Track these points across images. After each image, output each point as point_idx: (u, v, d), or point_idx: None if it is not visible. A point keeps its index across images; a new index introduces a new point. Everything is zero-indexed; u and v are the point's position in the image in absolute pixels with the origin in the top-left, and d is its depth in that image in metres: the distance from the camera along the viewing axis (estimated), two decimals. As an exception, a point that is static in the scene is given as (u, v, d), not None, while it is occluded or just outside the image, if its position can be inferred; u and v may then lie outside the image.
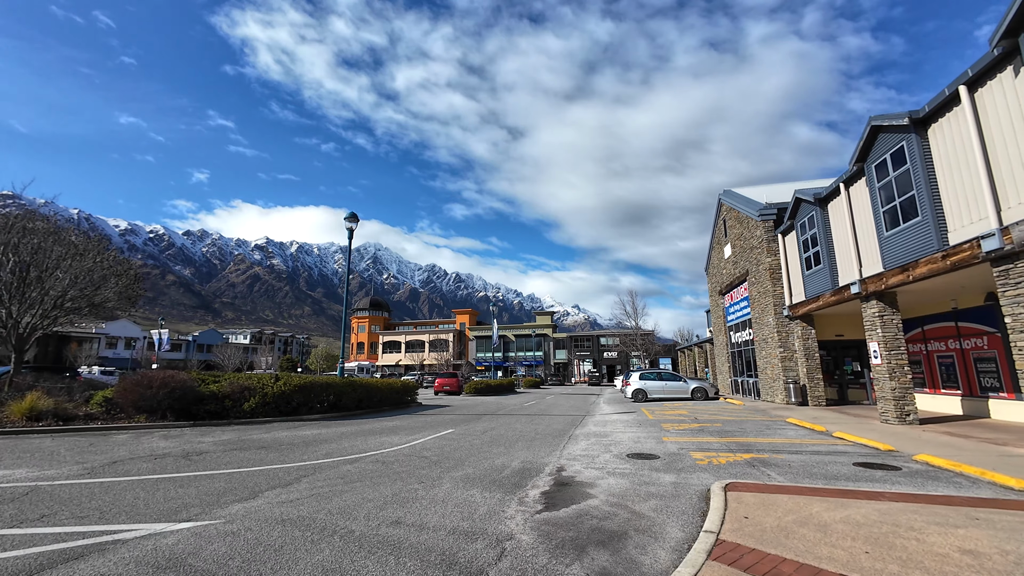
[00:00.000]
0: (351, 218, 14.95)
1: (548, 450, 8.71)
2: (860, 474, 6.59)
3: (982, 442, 8.95)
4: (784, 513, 4.62)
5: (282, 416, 11.73)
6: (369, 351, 75.39)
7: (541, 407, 19.35)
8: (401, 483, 6.00)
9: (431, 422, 12.87)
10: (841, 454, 8.12)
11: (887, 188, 11.26)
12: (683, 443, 9.48)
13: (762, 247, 18.99)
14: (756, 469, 6.99)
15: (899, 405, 11.72)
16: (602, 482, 6.25)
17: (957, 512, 4.64)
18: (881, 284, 11.70)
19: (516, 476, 6.55)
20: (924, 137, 10.15)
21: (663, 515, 4.82)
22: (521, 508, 5.05)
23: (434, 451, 8.36)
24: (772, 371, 18.76)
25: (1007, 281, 8.21)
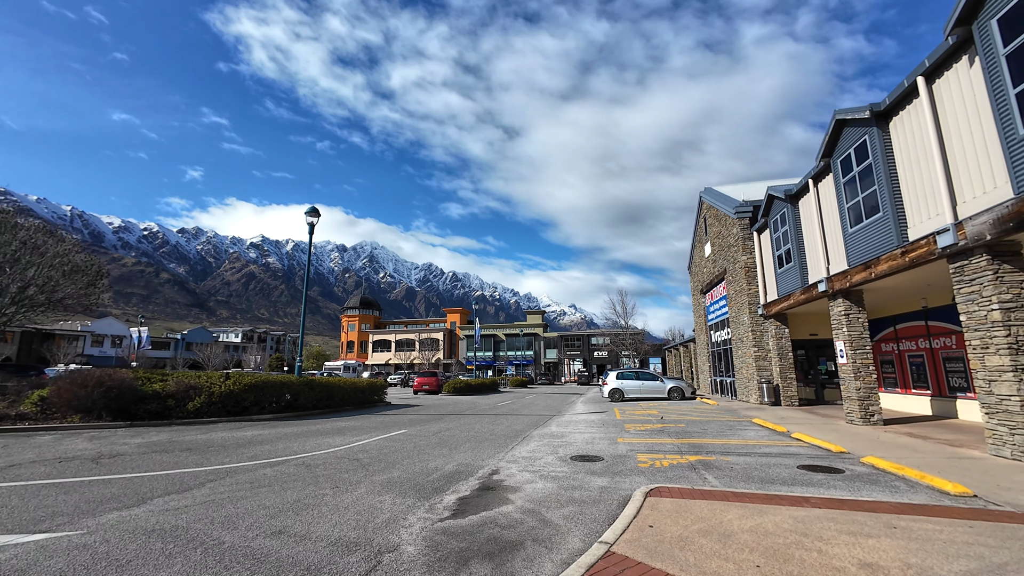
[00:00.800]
0: (311, 212, 14.60)
1: (493, 452, 8.44)
2: (800, 477, 6.34)
3: (939, 443, 8.73)
4: (694, 521, 4.36)
5: (231, 416, 11.39)
6: (359, 350, 74.93)
7: (514, 407, 19.08)
8: (313, 488, 5.70)
9: (388, 422, 12.57)
10: (791, 456, 7.88)
11: (852, 184, 11.04)
12: (636, 444, 9.22)
13: (738, 245, 18.78)
14: (696, 472, 6.73)
15: (863, 405, 11.51)
16: (529, 486, 5.98)
17: (877, 520, 4.39)
18: (846, 282, 11.48)
19: (443, 480, 6.27)
20: (886, 131, 9.92)
21: (572, 523, 4.55)
22: (426, 515, 4.77)
23: (371, 453, 8.06)
24: (747, 371, 18.56)
25: (962, 278, 7.98)
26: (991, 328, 7.42)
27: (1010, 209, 6.80)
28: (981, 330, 7.63)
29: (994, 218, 7.09)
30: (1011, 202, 6.79)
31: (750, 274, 18.15)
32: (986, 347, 7.54)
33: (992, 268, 7.41)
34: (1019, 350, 7.12)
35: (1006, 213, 6.87)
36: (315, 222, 14.72)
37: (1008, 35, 6.71)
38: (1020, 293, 7.29)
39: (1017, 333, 7.17)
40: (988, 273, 7.43)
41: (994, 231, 7.10)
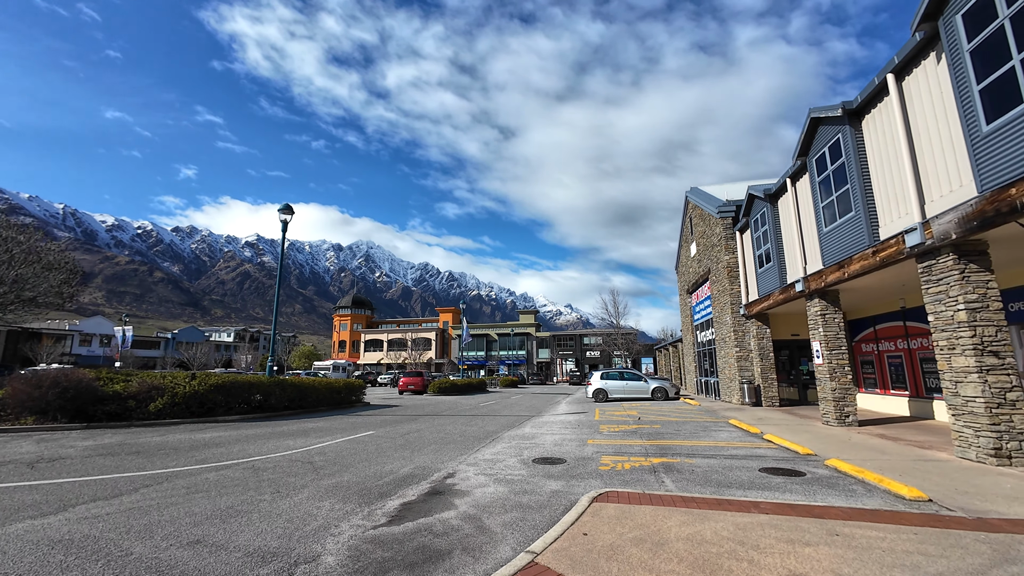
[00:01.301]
0: (285, 209, 14.37)
1: (456, 454, 8.26)
2: (759, 481, 6.20)
3: (908, 445, 8.63)
4: (631, 528, 4.20)
5: (196, 418, 11.14)
6: (351, 350, 74.53)
7: (495, 407, 18.90)
8: (253, 493, 5.51)
9: (359, 423, 12.36)
10: (757, 458, 7.75)
11: (826, 183, 10.93)
12: (604, 446, 9.07)
13: (721, 245, 18.68)
14: (655, 475, 6.58)
15: (839, 406, 11.41)
16: (480, 491, 5.81)
17: (822, 527, 4.25)
18: (821, 281, 11.38)
19: (393, 484, 6.09)
20: (859, 129, 9.81)
21: (509, 530, 4.38)
22: (361, 522, 4.60)
23: (329, 456, 7.87)
24: (729, 371, 18.47)
25: (930, 278, 7.88)
26: (957, 329, 7.32)
27: (974, 208, 6.69)
28: (948, 331, 7.53)
29: (959, 217, 6.98)
30: (975, 200, 6.68)
31: (732, 274, 18.06)
32: (952, 348, 7.44)
33: (958, 268, 7.31)
34: (984, 351, 7.02)
35: (970, 212, 6.76)
36: (289, 219, 14.49)
37: (972, 30, 6.60)
38: (986, 293, 7.19)
39: (983, 334, 7.07)
40: (954, 273, 7.33)
41: (959, 230, 6.99)
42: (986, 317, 7.11)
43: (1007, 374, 6.93)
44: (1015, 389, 6.90)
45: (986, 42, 6.41)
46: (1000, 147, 6.30)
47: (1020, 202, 5.94)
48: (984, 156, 6.56)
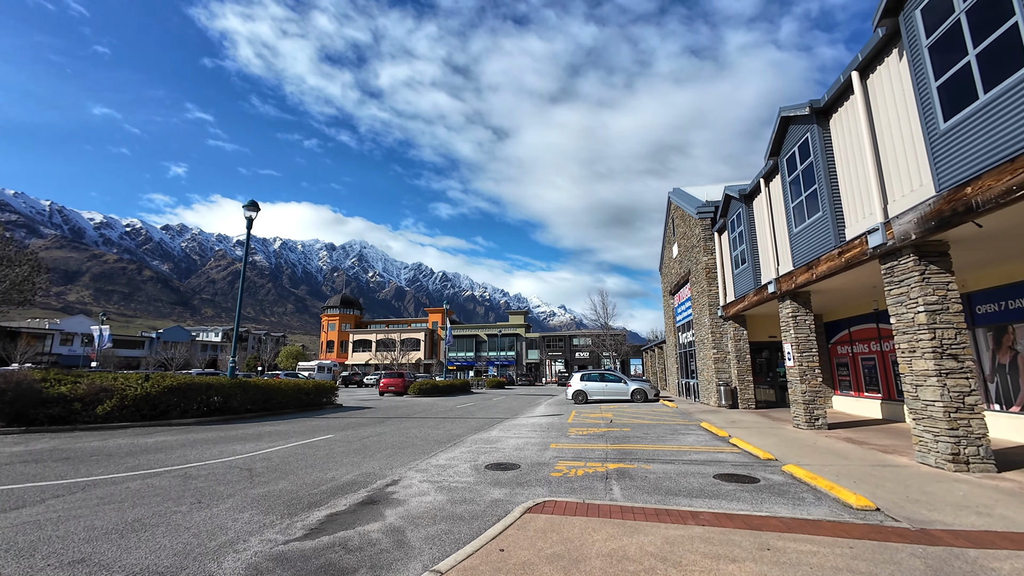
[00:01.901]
0: (250, 206, 14.00)
1: (409, 459, 7.99)
2: (709, 488, 5.99)
3: (872, 449, 8.49)
4: (554, 543, 3.96)
5: (147, 421, 10.74)
6: (340, 350, 73.86)
7: (472, 410, 18.63)
8: (172, 503, 5.20)
9: (322, 426, 12.02)
10: (716, 463, 7.55)
11: (796, 183, 10.79)
12: (566, 451, 8.84)
13: (700, 246, 18.56)
14: (605, 483, 6.35)
15: (808, 409, 11.28)
16: (417, 500, 5.54)
17: (755, 540, 4.03)
18: (791, 283, 11.24)
19: (328, 493, 5.81)
20: (826, 128, 9.67)
21: (429, 544, 4.13)
22: (275, 536, 4.31)
23: (274, 461, 7.56)
24: (708, 373, 18.35)
25: (892, 279, 7.73)
26: (918, 331, 7.17)
27: (932, 207, 6.54)
28: (909, 333, 7.38)
29: (918, 217, 6.83)
30: (932, 200, 6.53)
31: (711, 275, 17.94)
32: (913, 351, 7.29)
33: (919, 269, 7.16)
34: (944, 354, 6.87)
35: (928, 211, 6.61)
36: (254, 216, 14.13)
37: (931, 25, 6.45)
38: (946, 295, 7.05)
39: (942, 336, 6.93)
40: (915, 274, 7.18)
41: (918, 230, 6.84)
42: (946, 319, 6.97)
43: (966, 378, 6.79)
44: (974, 393, 6.76)
45: (944, 37, 6.26)
46: (957, 145, 6.15)
47: (975, 201, 5.79)
48: (942, 154, 6.41)
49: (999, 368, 9.50)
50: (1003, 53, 5.45)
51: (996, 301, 9.48)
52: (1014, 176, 5.24)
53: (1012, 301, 9.13)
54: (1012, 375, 9.20)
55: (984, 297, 9.75)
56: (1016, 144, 5.30)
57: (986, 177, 5.63)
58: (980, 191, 5.71)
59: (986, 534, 4.25)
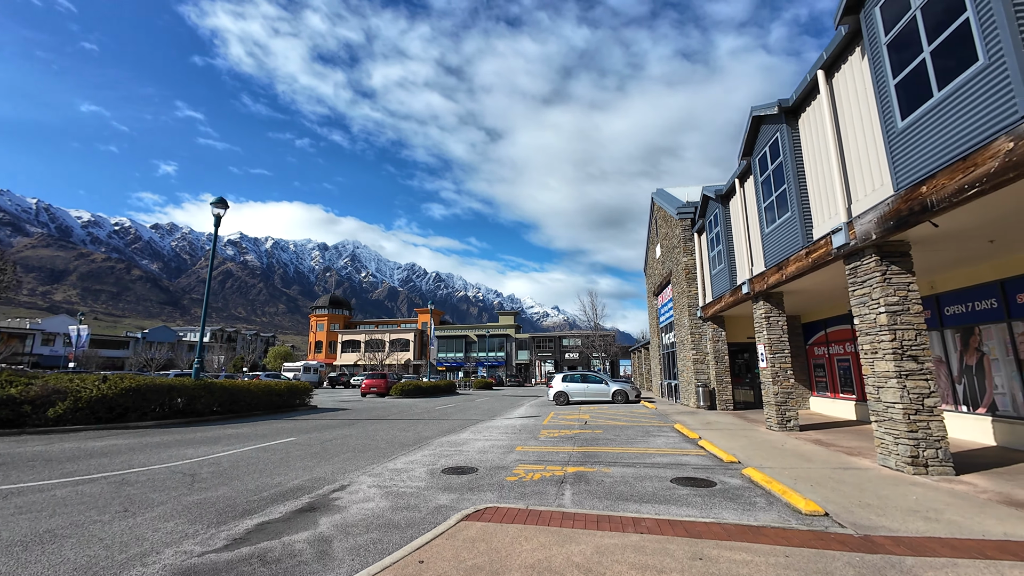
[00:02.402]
0: (218, 203, 13.69)
1: (367, 463, 7.78)
2: (662, 493, 5.85)
3: (837, 451, 8.41)
4: (478, 554, 3.79)
5: (102, 424, 10.42)
6: (328, 350, 73.24)
7: (450, 411, 18.42)
8: (94, 512, 4.96)
9: (287, 428, 11.76)
10: (677, 467, 7.41)
11: (767, 183, 10.73)
12: (530, 454, 8.68)
13: (680, 247, 18.50)
14: (558, 487, 6.19)
15: (780, 411, 11.21)
16: (358, 506, 5.35)
17: (690, 549, 3.89)
18: (764, 283, 11.17)
19: (267, 500, 5.60)
20: (795, 128, 9.61)
21: (352, 556, 3.94)
22: (192, 547, 4.10)
23: (223, 466, 7.32)
24: (687, 374, 18.29)
25: (855, 279, 7.65)
26: (879, 332, 7.09)
27: (890, 207, 6.45)
28: (871, 334, 7.30)
29: (878, 216, 6.75)
30: (891, 199, 6.45)
31: (690, 276, 17.88)
32: (875, 352, 7.21)
33: (880, 269, 7.07)
34: (904, 355, 6.79)
35: (887, 211, 6.53)
36: (222, 213, 13.83)
37: (889, 23, 6.37)
38: (907, 296, 6.97)
39: (902, 338, 6.84)
40: (877, 275, 7.10)
41: (878, 230, 6.76)
42: (906, 320, 6.89)
43: (926, 379, 6.71)
44: (933, 395, 6.68)
45: (901, 34, 6.18)
46: (913, 143, 6.07)
47: (930, 200, 5.70)
48: (899, 153, 6.33)
49: (966, 369, 9.48)
50: (956, 50, 5.37)
51: (963, 302, 9.46)
52: (966, 175, 5.16)
53: (978, 302, 9.11)
54: (978, 376, 9.18)
55: (952, 298, 9.73)
56: (967, 142, 5.22)
57: (940, 176, 5.54)
58: (934, 190, 5.63)
59: (929, 541, 4.14)
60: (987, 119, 4.96)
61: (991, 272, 8.74)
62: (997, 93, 4.82)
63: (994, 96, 4.86)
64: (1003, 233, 6.95)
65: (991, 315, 8.83)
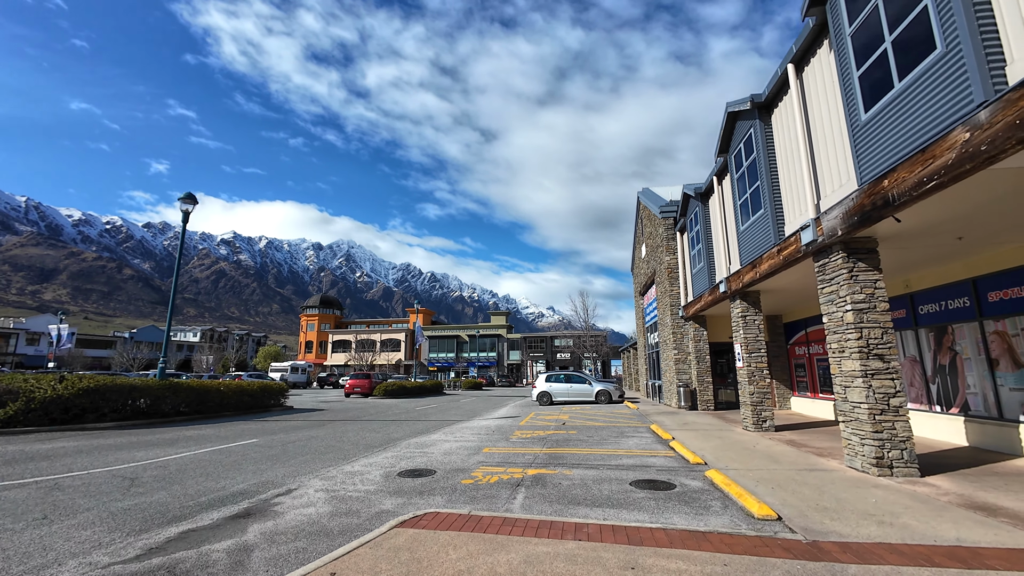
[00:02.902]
0: (186, 199, 13.37)
1: (323, 466, 7.53)
2: (618, 497, 5.65)
3: (808, 452, 8.25)
4: (398, 564, 3.56)
5: (57, 425, 10.09)
6: (318, 350, 72.68)
7: (429, 412, 18.17)
8: (8, 520, 4.69)
9: (253, 430, 11.45)
10: (642, 468, 7.22)
11: (742, 180, 10.58)
12: (496, 455, 8.47)
13: (663, 246, 18.36)
14: (512, 490, 5.98)
15: (756, 411, 11.06)
16: (296, 512, 5.11)
17: (625, 557, 3.69)
18: (739, 282, 11.02)
19: (203, 505, 5.34)
20: (768, 123, 9.46)
21: (267, 567, 3.70)
22: (100, 557, 3.86)
23: (170, 469, 7.05)
24: (670, 374, 18.15)
25: (824, 277, 7.50)
26: (846, 330, 6.93)
27: (854, 202, 6.30)
28: (838, 332, 7.15)
29: (843, 212, 6.60)
30: (855, 194, 6.29)
31: (672, 275, 17.74)
32: (842, 351, 7.06)
33: (847, 266, 6.92)
34: (870, 354, 6.64)
35: (851, 207, 6.37)
36: (190, 209, 13.51)
37: (853, 13, 6.22)
38: (873, 293, 6.82)
39: (868, 336, 6.69)
40: (843, 272, 6.94)
41: (844, 226, 6.60)
42: (873, 319, 6.74)
43: (891, 379, 6.56)
44: (899, 395, 6.53)
45: (864, 24, 6.02)
46: (876, 136, 5.91)
47: (892, 195, 5.54)
48: (863, 147, 6.17)
49: (939, 369, 9.37)
50: (916, 40, 5.21)
51: (937, 301, 9.35)
52: (925, 167, 4.99)
53: (951, 301, 9.00)
54: (951, 376, 9.07)
55: (926, 297, 9.62)
56: (926, 133, 5.06)
57: (901, 169, 5.38)
58: (896, 184, 5.47)
59: (878, 547, 3.96)
60: (945, 109, 4.80)
61: (963, 270, 8.62)
62: (954, 82, 4.66)
63: (952, 85, 4.71)
64: (970, 230, 6.82)
65: (963, 314, 8.72)
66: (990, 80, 4.30)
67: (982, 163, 4.34)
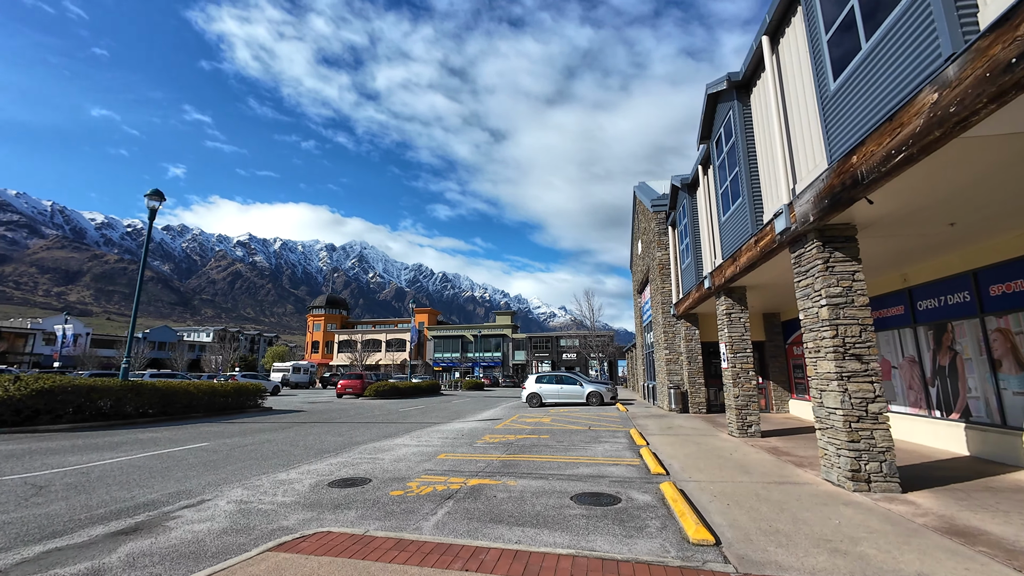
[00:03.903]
0: (153, 195, 13.09)
1: (256, 473, 7.08)
2: (549, 514, 5.05)
3: (787, 462, 7.54)
4: (235, 600, 3.04)
5: (8, 427, 9.79)
6: (324, 350, 73.03)
7: (412, 413, 17.70)
8: None
9: (210, 432, 11.06)
10: (595, 479, 6.60)
11: (723, 167, 9.87)
12: (447, 462, 7.93)
13: (655, 241, 17.61)
14: (440, 504, 5.43)
15: (741, 415, 10.32)
16: (186, 528, 4.63)
17: (507, 594, 3.11)
18: (722, 277, 10.30)
19: (94, 519, 4.90)
20: (747, 104, 8.75)
21: (101, 596, 3.21)
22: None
23: (89, 476, 6.65)
24: (662, 375, 17.39)
25: (799, 269, 6.80)
26: (821, 328, 6.24)
27: (824, 183, 5.60)
28: (814, 330, 6.46)
29: (814, 196, 5.90)
30: (825, 174, 5.60)
31: (664, 272, 16.99)
32: (817, 350, 6.36)
33: (823, 257, 6.21)
34: (846, 354, 5.93)
35: (822, 188, 5.68)
36: (157, 206, 13.24)
37: (821, -29, 5.53)
38: (851, 287, 6.10)
39: (844, 334, 5.98)
40: (819, 262, 6.24)
41: (815, 211, 5.91)
42: (850, 314, 6.02)
43: (870, 382, 5.85)
44: (878, 400, 5.81)
45: (832, -18, 5.33)
46: (844, 107, 5.22)
47: (861, 172, 4.85)
48: (832, 120, 5.48)
49: (939, 371, 8.56)
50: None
51: (936, 296, 8.54)
52: (892, 137, 4.31)
53: (951, 296, 8.19)
54: (952, 378, 8.25)
55: (925, 292, 8.81)
56: (894, 98, 4.37)
57: (869, 142, 4.69)
58: (864, 159, 4.77)
59: (821, 585, 3.32)
60: (913, 68, 4.11)
61: (961, 262, 7.82)
62: (922, 34, 3.97)
63: (919, 39, 4.02)
64: (962, 215, 6.06)
65: (964, 310, 7.92)
66: (959, 29, 3.61)
67: (952, 128, 3.65)
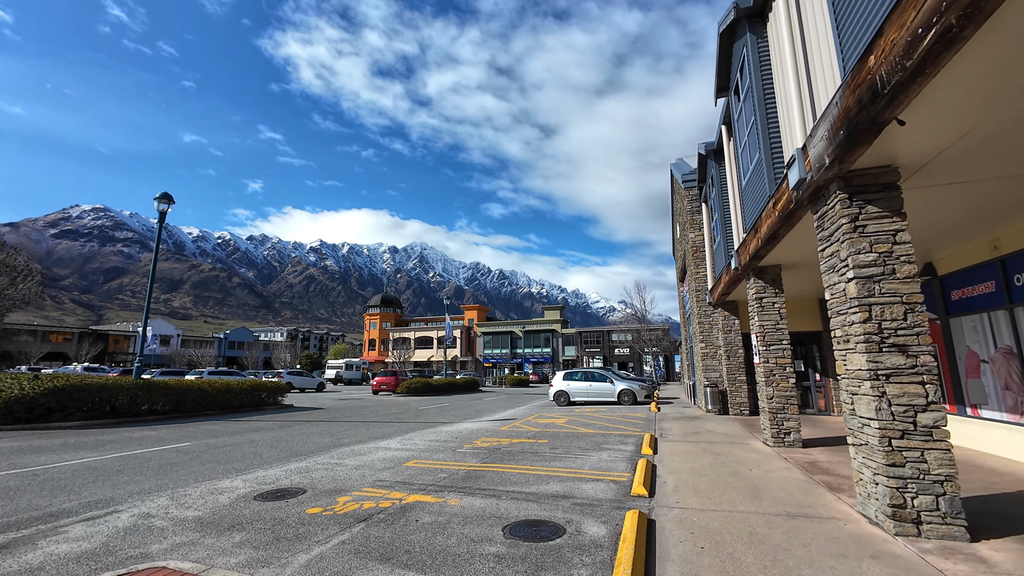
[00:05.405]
0: (162, 198, 13.42)
1: (202, 479, 6.62)
2: (458, 550, 4.01)
3: (818, 485, 5.89)
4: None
5: (21, 424, 10.31)
6: (380, 348, 75.73)
7: (430, 411, 17.13)
8: None
9: (205, 431, 10.94)
10: (555, 500, 5.42)
11: (740, 120, 8.14)
12: (408, 471, 7.08)
13: (689, 221, 15.67)
14: (349, 528, 4.56)
15: (776, 421, 8.54)
16: (53, 548, 4.12)
17: None
18: (746, 254, 8.56)
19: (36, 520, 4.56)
20: (763, 36, 7.02)
21: None
22: None
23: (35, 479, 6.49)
24: (700, 372, 15.45)
25: (823, 234, 5.15)
26: (849, 309, 4.62)
27: (839, 106, 4.03)
28: (841, 313, 4.82)
29: (828, 127, 4.31)
30: (839, 93, 4.02)
31: (698, 255, 15.05)
32: (847, 339, 4.74)
33: (849, 213, 4.58)
34: (882, 344, 4.30)
35: (837, 113, 4.10)
36: (167, 209, 13.59)
37: None
38: (891, 252, 4.43)
39: (881, 316, 4.35)
40: (843, 222, 4.61)
41: (831, 147, 4.32)
42: (890, 289, 4.36)
43: (920, 382, 4.18)
44: (932, 407, 4.13)
45: None
46: (858, -10, 3.63)
47: (880, 77, 3.30)
48: (848, 24, 3.89)
49: None
50: None
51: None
52: (919, 8, 2.77)
53: None
54: None
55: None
56: (921, -55, 2.81)
57: (888, 28, 3.14)
58: (884, 56, 3.22)
59: None
60: None
61: (1077, 215, 5.67)
62: None
63: None
64: (1066, 138, 4.16)
65: (1082, 282, 5.76)
66: None
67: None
